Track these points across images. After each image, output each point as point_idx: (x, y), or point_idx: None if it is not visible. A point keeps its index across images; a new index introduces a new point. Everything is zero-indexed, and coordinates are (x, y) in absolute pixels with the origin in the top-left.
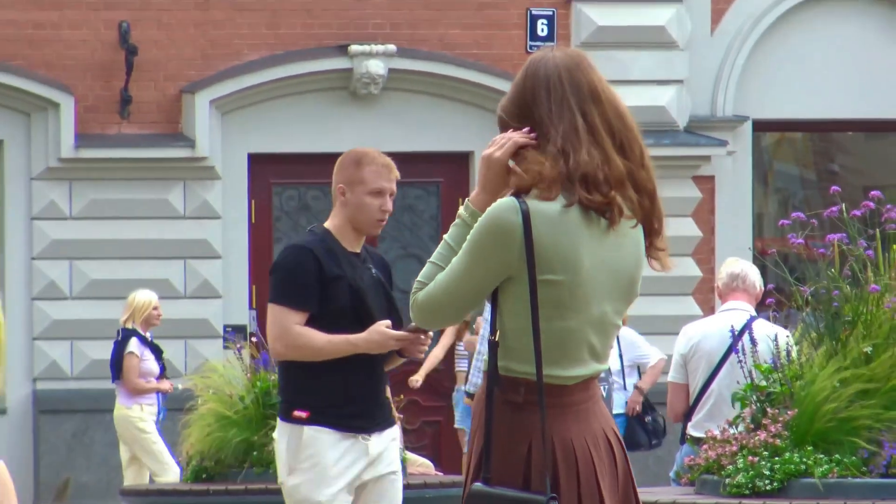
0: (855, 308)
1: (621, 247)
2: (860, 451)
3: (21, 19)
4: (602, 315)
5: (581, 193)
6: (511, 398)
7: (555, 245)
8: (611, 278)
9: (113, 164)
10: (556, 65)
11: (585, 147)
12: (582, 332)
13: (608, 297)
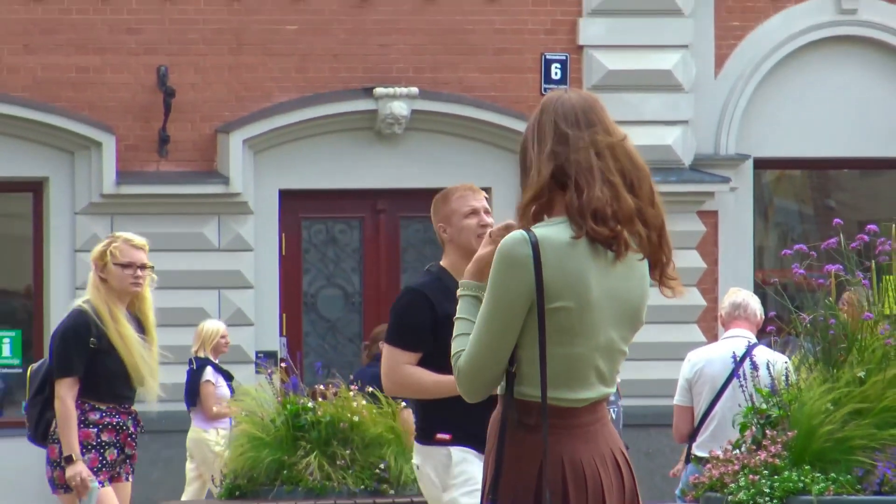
0: (850, 335)
1: (628, 278)
2: (855, 469)
3: (65, 63)
4: (609, 341)
5: (590, 226)
6: (524, 421)
7: (563, 273)
8: (617, 307)
9: (152, 200)
10: (571, 105)
11: (598, 184)
12: (589, 358)
13: (615, 325)
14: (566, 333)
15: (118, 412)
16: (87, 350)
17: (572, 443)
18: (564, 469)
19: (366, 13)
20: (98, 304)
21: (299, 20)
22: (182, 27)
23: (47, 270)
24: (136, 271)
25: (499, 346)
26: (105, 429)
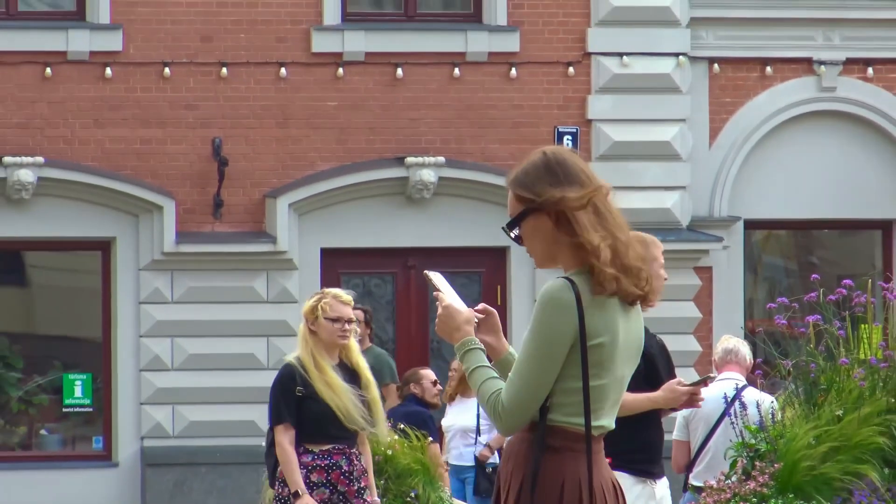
0: (829, 378)
1: (635, 320)
2: (835, 498)
3: (130, 136)
4: (622, 377)
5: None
6: (551, 443)
7: (600, 313)
8: (629, 345)
9: (207, 258)
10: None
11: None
12: (609, 389)
13: (627, 362)
14: (599, 367)
15: (331, 454)
16: (295, 398)
17: (585, 467)
18: (581, 490)
19: (398, 91)
20: (305, 356)
21: (338, 97)
22: (234, 103)
23: (114, 320)
24: (343, 325)
25: (543, 381)
26: (314, 470)
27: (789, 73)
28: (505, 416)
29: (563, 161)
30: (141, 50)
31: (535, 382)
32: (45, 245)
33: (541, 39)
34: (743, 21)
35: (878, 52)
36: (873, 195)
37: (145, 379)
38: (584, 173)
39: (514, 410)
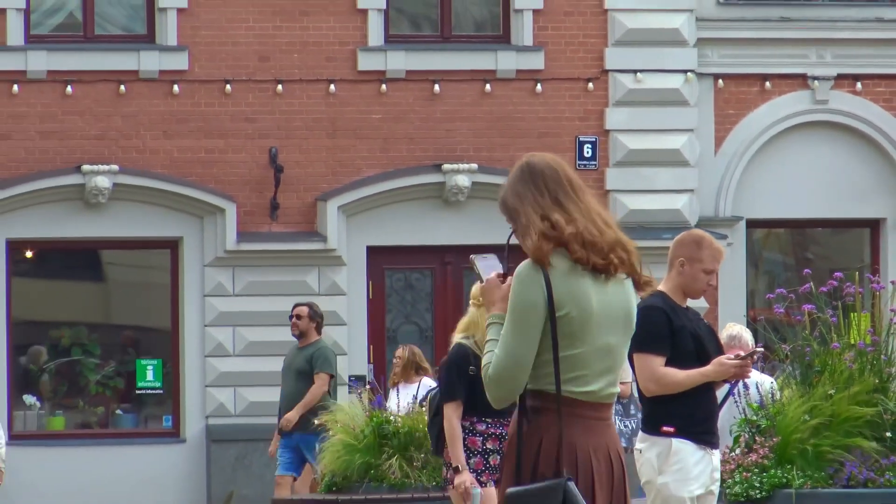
0: (822, 361)
1: (618, 293)
2: (827, 468)
3: (196, 146)
4: (607, 345)
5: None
6: (532, 404)
7: (567, 288)
8: (612, 316)
9: (265, 255)
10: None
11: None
12: (590, 357)
13: (612, 331)
14: (572, 337)
15: (502, 425)
16: (467, 377)
17: (571, 429)
18: (560, 447)
19: (435, 105)
20: (479, 337)
21: (382, 111)
22: (288, 116)
23: (182, 311)
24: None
25: (522, 352)
26: (489, 438)
27: (786, 87)
28: (490, 385)
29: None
30: (205, 69)
31: (514, 353)
32: (120, 244)
33: (563, 58)
34: (744, 41)
35: (866, 68)
36: (862, 196)
37: (210, 364)
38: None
39: (497, 380)
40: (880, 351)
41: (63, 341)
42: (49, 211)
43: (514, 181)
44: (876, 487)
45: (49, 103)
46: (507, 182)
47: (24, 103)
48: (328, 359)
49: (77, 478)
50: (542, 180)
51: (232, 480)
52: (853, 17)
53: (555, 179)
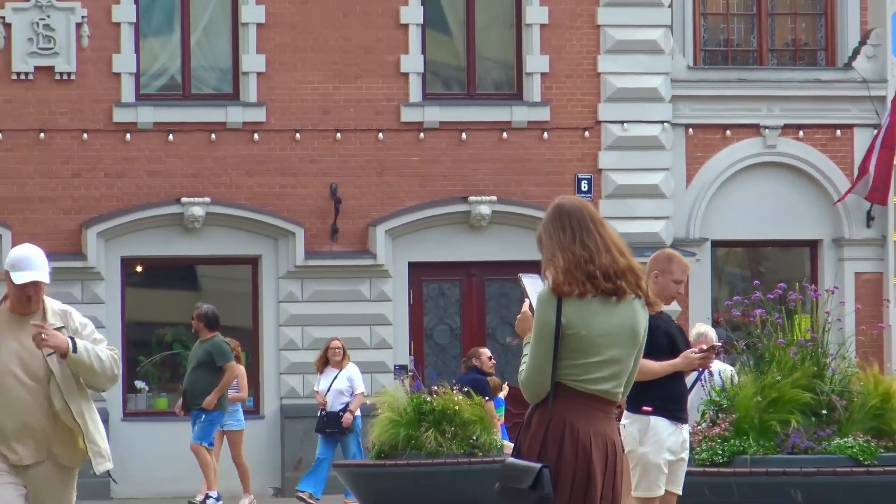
0: (771, 353)
1: (626, 313)
2: (775, 438)
3: (272, 182)
4: (618, 356)
5: (600, 283)
6: (554, 392)
7: (577, 312)
8: (618, 333)
9: (327, 269)
10: (577, 205)
11: (603, 253)
12: (600, 366)
13: (617, 345)
14: (580, 350)
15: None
16: None
17: (576, 415)
18: (564, 429)
19: (462, 149)
20: None
21: (420, 154)
22: (346, 158)
23: (261, 314)
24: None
25: (543, 360)
26: None
27: (742, 135)
28: (523, 387)
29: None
30: (279, 120)
31: (536, 361)
32: (211, 261)
33: (564, 112)
34: (709, 98)
35: (807, 119)
36: (803, 222)
37: (283, 356)
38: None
39: (526, 382)
40: (817, 346)
41: (166, 338)
42: (155, 234)
43: (546, 219)
44: (814, 454)
45: (155, 148)
46: (543, 219)
47: (135, 148)
48: (223, 350)
49: (177, 447)
50: (568, 219)
51: (300, 449)
52: (797, 79)
53: (579, 218)
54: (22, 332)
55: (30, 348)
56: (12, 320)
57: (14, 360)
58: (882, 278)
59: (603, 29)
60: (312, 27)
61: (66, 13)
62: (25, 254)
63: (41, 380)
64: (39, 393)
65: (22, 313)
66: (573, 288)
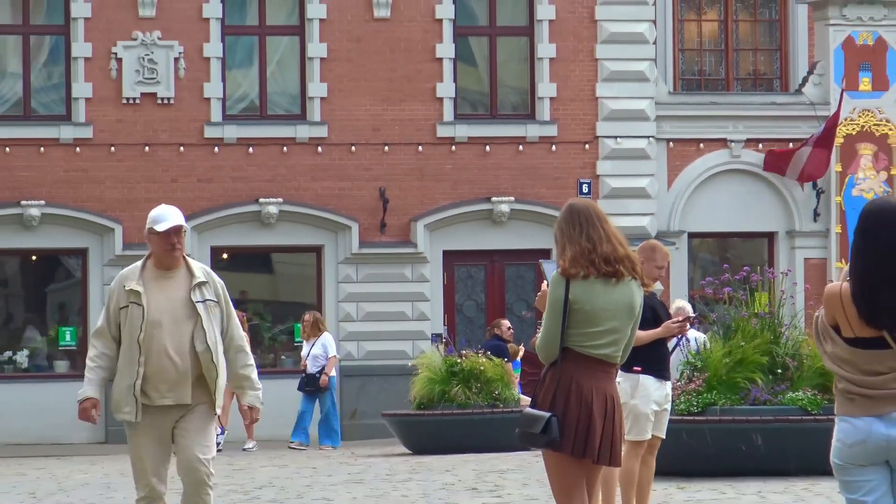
0: (737, 323)
1: (624, 292)
2: (740, 392)
3: (333, 186)
4: (616, 327)
5: (601, 267)
6: (563, 356)
7: (582, 290)
8: (617, 308)
9: (377, 256)
10: (585, 205)
11: (604, 243)
12: (602, 334)
13: (616, 317)
14: (585, 322)
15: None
16: None
17: (581, 374)
18: (572, 386)
19: (487, 159)
20: None
21: (452, 163)
22: (392, 167)
23: (324, 292)
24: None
25: (553, 329)
26: None
27: (713, 147)
28: (538, 351)
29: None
30: (338, 136)
31: (548, 331)
32: (283, 250)
33: (569, 129)
34: (686, 117)
35: (765, 134)
36: (762, 218)
37: (342, 326)
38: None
39: (540, 347)
40: (774, 317)
41: (247, 313)
42: (237, 228)
43: (561, 217)
44: (771, 405)
45: (237, 159)
46: (558, 217)
47: (221, 159)
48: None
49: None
50: (577, 217)
51: (355, 402)
52: (757, 102)
53: (586, 216)
54: (167, 284)
55: (176, 299)
56: (158, 275)
57: (162, 309)
58: (826, 263)
59: (600, 62)
60: (365, 61)
61: (167, 49)
62: (163, 209)
63: (187, 327)
64: (185, 338)
65: (166, 268)
66: (578, 271)
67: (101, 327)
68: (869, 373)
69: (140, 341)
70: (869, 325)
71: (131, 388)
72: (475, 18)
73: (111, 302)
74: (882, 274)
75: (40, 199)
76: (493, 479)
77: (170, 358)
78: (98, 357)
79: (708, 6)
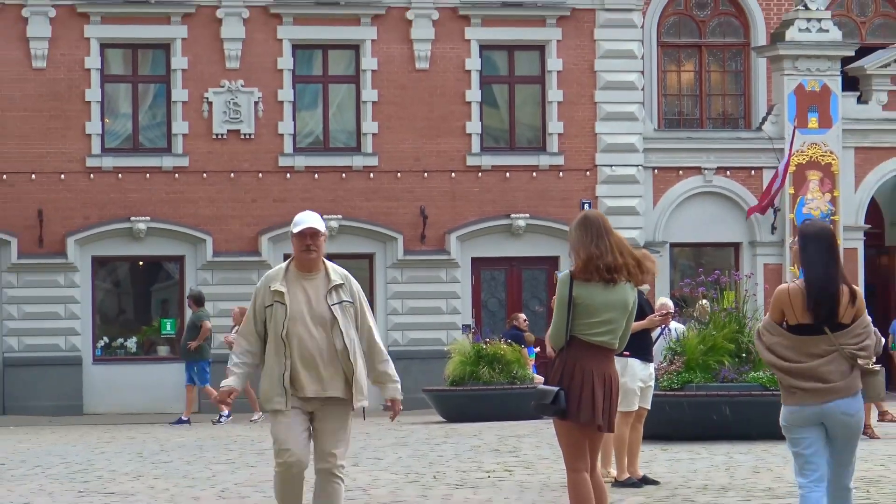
0: (711, 317)
1: (619, 292)
2: (712, 372)
3: (382, 205)
4: (609, 317)
5: (602, 274)
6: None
7: (584, 289)
8: (614, 304)
9: (418, 262)
10: (596, 217)
11: (608, 254)
12: (600, 324)
13: (612, 311)
14: (586, 314)
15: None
16: None
17: (584, 358)
18: (577, 366)
19: (507, 183)
20: None
21: (479, 187)
22: (430, 190)
23: (375, 293)
24: None
25: (561, 321)
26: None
27: (690, 174)
28: (549, 339)
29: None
30: (387, 164)
31: (556, 322)
32: (341, 256)
33: (573, 159)
34: (668, 150)
35: (732, 164)
36: (729, 230)
37: (389, 318)
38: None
39: (551, 336)
40: (739, 311)
41: None
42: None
43: (576, 223)
44: (737, 383)
45: (305, 183)
46: (574, 223)
47: (291, 183)
48: (200, 317)
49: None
50: (591, 228)
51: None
52: (725, 137)
53: (595, 226)
54: (308, 286)
55: (316, 299)
56: (300, 276)
57: (303, 309)
58: (781, 268)
59: (598, 105)
60: (409, 104)
61: (248, 95)
62: (304, 214)
63: (326, 326)
64: (324, 337)
65: (307, 270)
66: (584, 276)
67: (248, 326)
68: (808, 356)
69: (284, 337)
70: (808, 312)
71: (280, 379)
72: (497, 69)
73: (256, 300)
74: (811, 274)
75: (146, 216)
76: (512, 443)
77: (310, 354)
78: (243, 354)
79: (686, 59)
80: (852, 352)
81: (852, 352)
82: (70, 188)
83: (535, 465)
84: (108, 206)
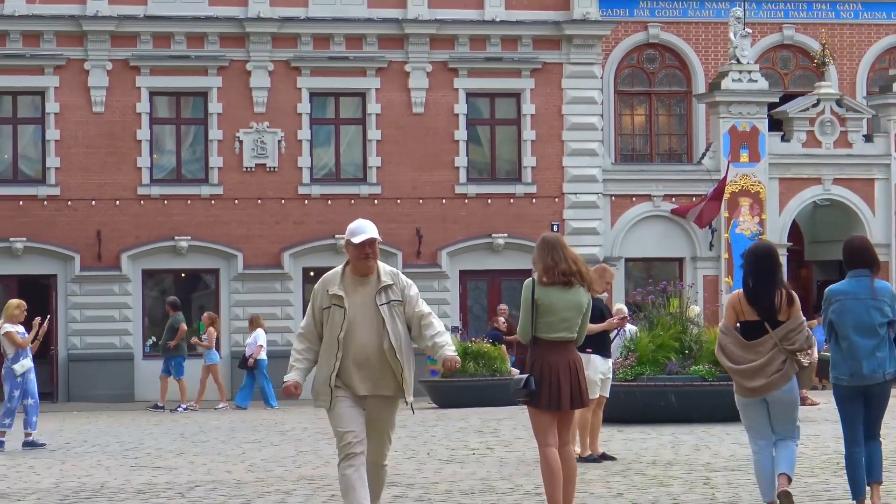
0: (657, 320)
1: (574, 294)
2: (660, 366)
3: (384, 226)
4: (565, 316)
5: (559, 278)
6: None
7: (544, 292)
8: (569, 305)
9: (414, 273)
10: (553, 236)
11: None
12: (558, 322)
13: (568, 311)
14: (546, 313)
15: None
16: None
17: (548, 354)
18: (542, 361)
19: (488, 209)
20: None
21: (465, 212)
22: (424, 213)
23: None
24: None
25: (526, 320)
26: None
27: (642, 201)
28: (518, 336)
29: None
30: (388, 193)
31: (522, 322)
32: None
33: (544, 188)
34: (624, 181)
35: (677, 192)
36: (674, 248)
37: None
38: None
39: (519, 333)
40: (683, 315)
41: None
42: (321, 254)
43: (537, 244)
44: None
45: (320, 208)
46: (536, 243)
47: (309, 209)
48: (177, 321)
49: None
50: (547, 245)
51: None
52: (671, 170)
53: (553, 244)
54: (363, 289)
55: (369, 301)
56: (355, 280)
57: (358, 311)
58: (718, 279)
59: (565, 142)
60: (407, 141)
61: (273, 134)
62: (360, 223)
63: (377, 327)
64: (374, 337)
65: (362, 274)
66: (544, 281)
67: (307, 328)
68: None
69: (340, 339)
70: (754, 310)
71: (328, 379)
72: (481, 113)
73: (315, 302)
74: (751, 281)
75: (188, 235)
76: (493, 425)
77: (365, 353)
78: (304, 351)
79: (638, 105)
80: (793, 351)
81: (793, 351)
82: (124, 212)
83: (512, 444)
84: (155, 227)
